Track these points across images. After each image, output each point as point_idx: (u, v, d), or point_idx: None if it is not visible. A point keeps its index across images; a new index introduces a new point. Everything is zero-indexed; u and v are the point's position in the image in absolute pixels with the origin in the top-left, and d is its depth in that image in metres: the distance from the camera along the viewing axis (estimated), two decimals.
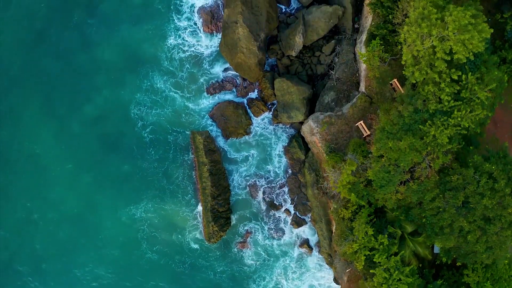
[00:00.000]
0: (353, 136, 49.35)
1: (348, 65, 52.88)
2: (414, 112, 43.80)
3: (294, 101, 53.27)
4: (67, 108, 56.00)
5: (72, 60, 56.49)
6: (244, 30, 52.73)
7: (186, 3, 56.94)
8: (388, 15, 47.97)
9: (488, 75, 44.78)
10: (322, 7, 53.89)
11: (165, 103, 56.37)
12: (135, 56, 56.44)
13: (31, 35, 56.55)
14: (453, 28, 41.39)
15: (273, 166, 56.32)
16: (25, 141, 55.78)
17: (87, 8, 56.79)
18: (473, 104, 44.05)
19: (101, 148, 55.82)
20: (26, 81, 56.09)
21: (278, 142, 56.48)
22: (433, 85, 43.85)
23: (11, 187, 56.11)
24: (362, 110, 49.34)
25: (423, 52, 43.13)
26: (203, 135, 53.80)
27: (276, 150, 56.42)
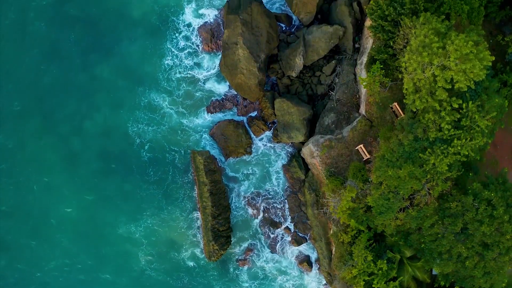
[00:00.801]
0: (353, 159, 49.52)
1: (349, 86, 52.85)
2: (414, 140, 43.89)
3: (294, 122, 53.35)
4: (67, 126, 56.11)
5: (72, 77, 56.43)
6: (244, 52, 52.65)
7: (183, 22, 56.81)
8: (389, 39, 47.84)
9: (489, 102, 44.77)
10: (323, 27, 53.71)
11: (165, 122, 56.53)
12: (135, 75, 56.51)
13: (30, 53, 56.39)
14: (455, 58, 41.32)
15: (273, 185, 56.56)
16: (26, 158, 55.80)
17: (86, 26, 56.70)
18: (473, 132, 44.07)
19: (102, 166, 55.97)
20: (26, 99, 56.08)
21: (278, 161, 56.68)
22: (434, 113, 43.84)
23: (12, 203, 56.54)
24: (362, 133, 49.42)
25: (424, 80, 43.10)
26: (204, 155, 54.02)
27: (276, 168, 56.64)
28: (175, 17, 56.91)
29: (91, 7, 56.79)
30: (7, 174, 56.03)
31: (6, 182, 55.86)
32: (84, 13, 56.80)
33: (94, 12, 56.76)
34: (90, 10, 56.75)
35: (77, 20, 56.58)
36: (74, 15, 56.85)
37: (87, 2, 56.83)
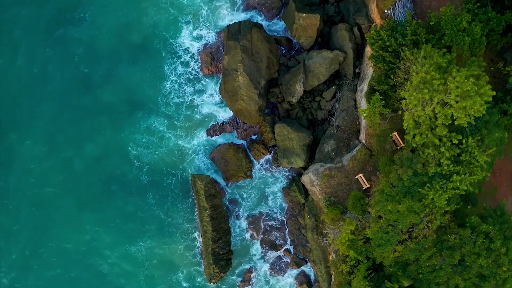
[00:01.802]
0: (353, 188, 49.83)
1: (349, 113, 52.82)
2: (414, 175, 44.13)
3: (294, 147, 53.50)
4: (68, 148, 56.28)
5: (73, 100, 56.53)
6: (245, 79, 52.53)
7: (182, 46, 56.71)
8: (390, 69, 47.68)
9: (489, 136, 44.91)
10: (323, 53, 53.46)
11: (164, 145, 56.67)
12: (135, 99, 56.75)
13: (31, 77, 56.36)
14: (456, 95, 41.33)
15: (273, 207, 56.96)
16: (28, 180, 56.15)
17: (87, 49, 56.52)
18: (472, 167, 44.33)
19: (102, 188, 56.30)
20: (27, 122, 56.16)
21: (278, 184, 56.93)
22: (433, 148, 44.02)
23: (13, 225, 56.72)
24: (362, 162, 49.62)
25: (424, 116, 43.16)
26: (204, 181, 54.28)
27: (276, 192, 56.94)
28: (173, 40, 56.83)
29: (93, 30, 56.68)
30: (6, 195, 56.47)
31: (5, 203, 56.27)
32: (86, 36, 56.70)
33: (96, 35, 56.67)
34: (92, 33, 56.66)
35: (79, 43, 56.45)
36: (77, 38, 56.79)
37: (88, 26, 56.70)
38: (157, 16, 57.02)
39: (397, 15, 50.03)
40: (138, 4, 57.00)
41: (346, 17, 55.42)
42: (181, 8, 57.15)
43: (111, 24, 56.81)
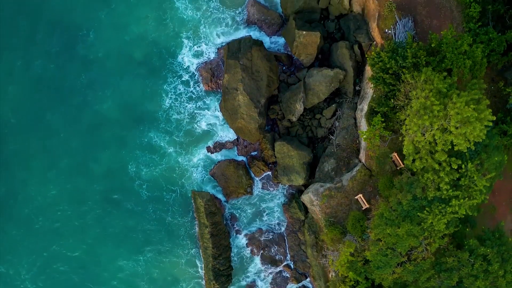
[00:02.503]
0: (353, 208, 50.09)
1: (349, 131, 52.87)
2: (413, 199, 44.38)
3: (294, 165, 53.63)
4: (71, 164, 56.41)
5: (76, 116, 56.50)
6: (245, 98, 52.52)
7: (183, 63, 56.62)
8: (390, 91, 47.63)
9: (488, 161, 45.06)
10: (323, 71, 53.35)
11: (165, 161, 56.79)
12: (136, 115, 56.81)
13: (33, 92, 56.36)
14: (456, 122, 41.37)
15: (273, 223, 57.23)
16: (31, 197, 56.35)
17: (90, 66, 56.56)
18: (472, 191, 44.55)
19: (104, 204, 56.49)
20: (30, 139, 56.28)
21: (278, 200, 57.19)
22: (433, 172, 44.19)
23: (16, 240, 56.95)
24: (362, 183, 49.81)
25: (424, 142, 43.24)
26: (204, 198, 54.50)
27: (276, 208, 57.23)
28: (174, 58, 56.86)
29: (96, 47, 56.64)
30: (9, 212, 56.77)
31: (8, 220, 56.67)
32: (89, 53, 56.66)
33: (99, 52, 56.64)
34: (95, 50, 56.63)
35: (82, 60, 56.40)
36: (80, 55, 56.70)
37: (92, 43, 56.57)
38: (158, 32, 57.07)
39: (398, 35, 49.86)
40: (140, 21, 56.93)
41: (347, 34, 55.25)
42: (181, 24, 57.06)
43: (113, 41, 56.85)
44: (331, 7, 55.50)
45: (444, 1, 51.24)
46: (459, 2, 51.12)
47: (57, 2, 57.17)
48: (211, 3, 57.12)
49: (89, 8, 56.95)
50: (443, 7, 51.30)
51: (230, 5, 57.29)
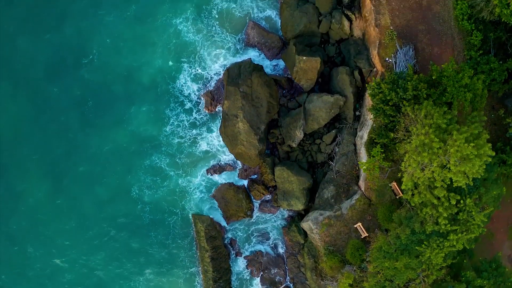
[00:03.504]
0: (352, 236, 50.45)
1: (348, 158, 52.93)
2: (411, 233, 44.72)
3: (294, 190, 53.82)
4: (73, 188, 56.55)
5: (81, 140, 56.66)
6: (245, 125, 52.45)
7: (185, 88, 56.44)
8: (390, 122, 47.56)
9: (487, 195, 45.26)
10: (324, 97, 53.19)
11: (166, 184, 56.90)
12: (138, 139, 56.74)
13: (34, 118, 56.37)
14: (455, 161, 41.46)
15: (273, 246, 57.64)
16: (37, 221, 56.51)
17: (92, 90, 56.53)
18: (469, 225, 44.86)
19: (106, 227, 56.80)
20: (29, 163, 56.32)
21: (278, 223, 57.45)
22: (431, 207, 44.42)
23: (20, 264, 57.28)
24: (361, 212, 50.10)
25: (423, 178, 43.38)
26: (205, 223, 54.78)
27: (276, 230, 57.49)
28: (176, 83, 56.56)
29: (99, 72, 56.50)
30: (14, 235, 56.95)
31: (11, 244, 56.92)
32: (92, 77, 56.54)
33: (101, 77, 56.53)
34: (98, 74, 56.53)
35: (85, 84, 56.34)
36: (83, 79, 56.56)
37: (95, 68, 56.37)
38: (160, 57, 56.93)
39: (399, 64, 49.63)
40: (142, 46, 56.79)
41: (347, 59, 54.97)
42: (183, 48, 56.96)
43: (116, 65, 56.58)
44: (332, 31, 55.13)
45: (445, 29, 50.99)
46: (460, 29, 50.86)
47: (61, 25, 56.93)
48: (212, 27, 56.78)
49: (93, 33, 56.82)
50: (444, 35, 51.02)
51: (231, 28, 56.91)
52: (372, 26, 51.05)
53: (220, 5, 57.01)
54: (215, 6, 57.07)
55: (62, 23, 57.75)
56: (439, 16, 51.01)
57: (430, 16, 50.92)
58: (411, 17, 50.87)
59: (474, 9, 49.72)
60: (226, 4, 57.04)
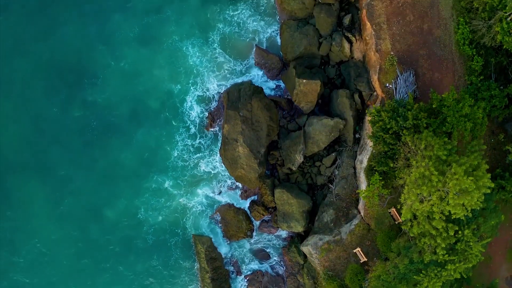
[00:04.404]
0: (351, 261, 50.80)
1: (348, 181, 53.03)
2: (410, 262, 45.08)
3: (294, 212, 54.02)
4: (78, 212, 56.58)
5: (86, 163, 56.60)
6: (245, 150, 52.48)
7: (190, 111, 56.50)
8: (390, 150, 47.57)
9: (485, 224, 45.50)
10: (323, 120, 53.12)
11: (169, 205, 56.97)
12: (143, 161, 56.84)
13: (38, 138, 56.31)
14: (454, 195, 41.59)
15: (273, 265, 58.05)
16: (40, 244, 56.61)
17: (96, 113, 56.46)
18: (467, 254, 45.17)
19: (108, 250, 57.09)
20: (39, 185, 56.27)
21: (278, 243, 57.75)
22: (430, 237, 44.72)
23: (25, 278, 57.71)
24: (360, 237, 50.41)
25: (421, 210, 43.58)
26: (205, 245, 55.11)
27: (276, 250, 57.82)
28: (181, 105, 56.78)
29: (103, 95, 56.43)
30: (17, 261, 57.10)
31: (14, 268, 56.98)
32: (96, 100, 56.48)
33: (105, 100, 56.48)
34: (102, 98, 56.47)
35: (90, 107, 56.30)
36: (89, 101, 56.52)
37: (100, 91, 56.31)
38: (166, 80, 56.88)
39: (399, 90, 49.47)
40: (148, 68, 56.68)
41: (347, 81, 54.79)
42: (188, 70, 56.87)
43: (119, 87, 56.52)
44: (332, 53, 54.86)
45: (446, 53, 50.72)
46: (461, 54, 50.60)
47: (65, 47, 56.77)
48: (216, 49, 56.89)
49: (97, 54, 56.69)
50: (445, 59, 50.76)
51: (235, 50, 56.98)
52: (373, 51, 50.78)
53: (224, 29, 57.09)
54: (219, 30, 57.21)
55: (62, 43, 57.30)
56: (440, 40, 50.78)
57: (431, 40, 50.68)
58: (412, 41, 50.64)
59: (476, 34, 49.51)
60: (229, 29, 57.06)
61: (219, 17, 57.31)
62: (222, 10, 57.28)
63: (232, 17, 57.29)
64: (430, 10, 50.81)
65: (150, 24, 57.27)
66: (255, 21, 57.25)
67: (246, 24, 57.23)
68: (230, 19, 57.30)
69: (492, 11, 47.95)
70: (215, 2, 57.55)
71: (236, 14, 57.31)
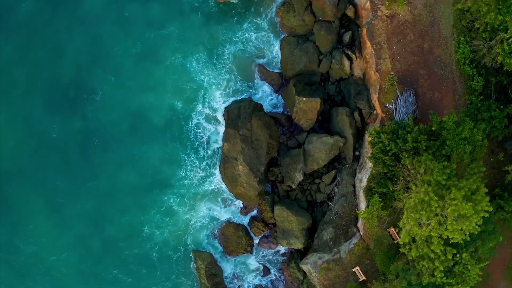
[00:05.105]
0: (350, 279, 51.11)
1: (347, 199, 53.16)
2: (408, 285, 45.42)
3: (293, 229, 54.22)
4: (82, 228, 56.64)
5: (91, 180, 56.54)
6: (245, 169, 52.56)
7: (196, 128, 56.44)
8: (389, 171, 47.62)
9: (483, 247, 45.73)
10: (323, 138, 53.07)
11: (173, 222, 56.98)
12: (150, 179, 56.76)
13: (38, 153, 56.27)
14: (452, 219, 41.76)
15: (273, 280, 58.28)
16: (42, 262, 56.68)
17: (109, 130, 56.42)
18: (465, 276, 45.51)
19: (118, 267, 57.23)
20: (40, 202, 56.19)
21: (277, 258, 57.99)
22: (428, 260, 45.01)
23: None
24: (359, 256, 50.65)
25: (420, 234, 43.78)
26: (205, 261, 55.29)
27: (275, 265, 58.04)
28: (185, 122, 56.48)
29: (104, 111, 56.40)
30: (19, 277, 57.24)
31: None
32: (97, 116, 56.44)
33: (106, 116, 56.43)
34: (103, 114, 56.44)
35: (98, 124, 56.24)
36: (95, 118, 56.44)
37: (100, 107, 56.20)
38: (170, 98, 56.68)
39: (399, 110, 49.40)
40: (151, 85, 56.54)
41: (347, 98, 54.66)
42: (193, 87, 56.68)
43: (122, 105, 56.39)
44: (332, 71, 54.70)
45: (446, 73, 50.56)
46: (461, 73, 50.46)
47: (66, 62, 56.68)
48: (221, 66, 56.79)
49: (98, 70, 56.56)
50: (445, 79, 50.61)
51: (239, 67, 56.88)
52: (373, 70, 50.61)
53: (229, 46, 56.97)
54: (224, 46, 57.04)
55: (62, 57, 57.08)
56: (440, 60, 50.58)
57: (431, 60, 50.48)
58: (412, 61, 50.46)
59: (476, 54, 49.33)
60: (234, 46, 56.95)
61: (223, 34, 57.12)
62: (227, 28, 57.10)
63: (237, 34, 57.12)
64: (430, 28, 50.65)
65: (152, 39, 56.87)
66: (259, 38, 57.11)
67: (251, 41, 57.13)
68: (235, 37, 57.15)
69: (493, 32, 47.83)
70: (219, 19, 57.35)
71: (241, 32, 57.23)
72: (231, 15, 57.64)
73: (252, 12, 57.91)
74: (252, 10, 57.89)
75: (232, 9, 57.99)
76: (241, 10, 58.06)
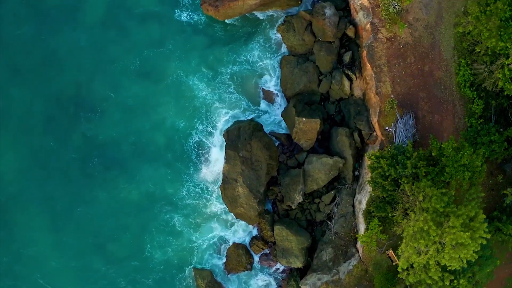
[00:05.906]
0: None
1: (347, 219, 53.40)
2: None
3: (293, 249, 54.54)
4: (84, 247, 56.77)
5: (93, 198, 56.68)
6: (244, 190, 52.69)
7: (199, 148, 56.53)
8: (388, 196, 47.79)
9: (480, 272, 46.11)
10: (323, 159, 53.13)
11: (176, 240, 57.18)
12: (153, 198, 56.85)
13: (36, 171, 56.40)
14: (450, 248, 42.06)
15: None
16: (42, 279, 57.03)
17: (109, 147, 56.55)
18: None
19: None
20: (40, 220, 56.38)
21: (277, 275, 58.21)
22: (426, 286, 45.42)
23: None
24: (358, 278, 51.03)
25: (418, 261, 44.12)
26: (205, 280, 55.63)
27: (275, 282, 58.38)
28: (188, 141, 56.47)
29: (103, 128, 56.46)
30: None
31: None
32: (99, 134, 56.56)
33: (108, 134, 56.50)
34: (106, 132, 56.54)
35: (99, 142, 56.33)
36: (88, 135, 56.54)
37: (100, 124, 56.29)
38: (172, 116, 56.68)
39: (399, 133, 49.39)
40: (151, 104, 56.58)
41: (347, 118, 54.60)
42: (195, 105, 56.76)
43: (122, 123, 56.41)
44: (332, 91, 54.59)
45: (446, 95, 50.47)
46: (462, 96, 50.36)
47: (60, 76, 56.64)
48: (224, 85, 56.81)
49: (96, 87, 56.61)
50: (445, 101, 50.52)
51: (242, 87, 56.96)
52: (373, 93, 50.49)
53: (232, 66, 56.98)
54: (227, 66, 57.06)
55: (61, 74, 57.11)
56: (440, 82, 50.46)
57: (431, 82, 50.34)
58: (412, 84, 50.33)
59: (477, 77, 49.20)
60: (237, 68, 56.98)
61: (227, 55, 57.13)
62: (231, 50, 57.07)
63: (241, 54, 57.13)
64: (431, 51, 50.44)
65: (151, 57, 56.78)
66: (263, 58, 57.06)
67: (255, 60, 57.08)
68: (239, 57, 57.12)
69: (494, 56, 47.65)
70: (221, 40, 57.33)
71: (244, 51, 57.25)
72: (235, 36, 57.48)
73: (255, 32, 57.82)
74: (254, 30, 57.84)
75: (235, 28, 57.75)
76: (244, 30, 57.97)
